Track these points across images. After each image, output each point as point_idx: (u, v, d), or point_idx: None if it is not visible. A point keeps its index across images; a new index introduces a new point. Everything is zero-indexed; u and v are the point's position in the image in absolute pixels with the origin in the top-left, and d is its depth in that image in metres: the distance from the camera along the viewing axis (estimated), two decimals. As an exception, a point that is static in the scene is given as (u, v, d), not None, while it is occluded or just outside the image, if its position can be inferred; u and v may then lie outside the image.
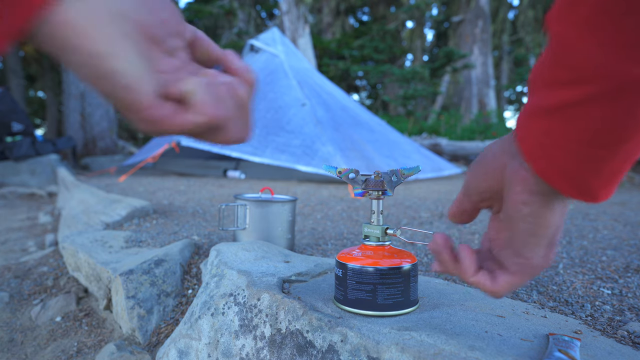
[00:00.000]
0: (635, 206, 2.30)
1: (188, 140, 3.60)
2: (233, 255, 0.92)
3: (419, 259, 1.16)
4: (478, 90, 9.73)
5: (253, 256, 0.93)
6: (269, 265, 0.87)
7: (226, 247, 0.97)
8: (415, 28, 11.88)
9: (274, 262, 0.90)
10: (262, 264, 0.87)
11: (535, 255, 0.39)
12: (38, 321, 1.19)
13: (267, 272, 0.82)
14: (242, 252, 0.94)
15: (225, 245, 1.00)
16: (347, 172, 0.69)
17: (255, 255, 0.94)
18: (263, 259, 0.91)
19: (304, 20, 6.97)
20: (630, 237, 1.44)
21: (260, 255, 0.94)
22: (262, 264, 0.87)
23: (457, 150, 5.69)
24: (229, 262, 0.88)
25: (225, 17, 10.73)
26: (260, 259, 0.91)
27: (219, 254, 0.94)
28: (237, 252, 0.94)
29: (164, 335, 0.97)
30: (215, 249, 0.98)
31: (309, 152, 3.43)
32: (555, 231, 0.39)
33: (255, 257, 0.93)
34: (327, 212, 1.98)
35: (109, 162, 5.75)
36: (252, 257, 0.92)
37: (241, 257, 0.91)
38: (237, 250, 0.95)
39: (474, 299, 0.73)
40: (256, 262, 0.89)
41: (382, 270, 0.63)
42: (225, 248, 0.97)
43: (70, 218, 1.92)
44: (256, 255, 0.94)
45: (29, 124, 4.46)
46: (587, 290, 0.91)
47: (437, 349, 0.53)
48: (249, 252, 0.95)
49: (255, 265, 0.86)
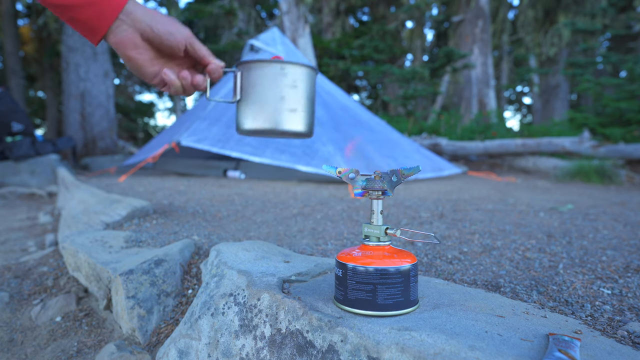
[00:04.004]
0: (635, 206, 2.30)
1: (188, 141, 3.60)
2: (233, 255, 0.92)
3: (419, 259, 1.16)
4: (478, 90, 9.73)
5: (253, 256, 0.93)
6: (269, 265, 0.87)
7: (226, 247, 0.97)
8: (415, 28, 11.87)
9: (274, 262, 0.90)
10: (262, 264, 0.87)
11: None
12: (38, 321, 1.19)
13: (267, 272, 0.82)
14: (242, 252, 0.94)
15: (225, 245, 1.00)
16: (347, 172, 0.69)
17: (255, 255, 0.94)
18: (263, 259, 0.91)
19: (304, 20, 6.96)
20: (630, 237, 1.44)
21: (260, 255, 0.94)
22: (262, 264, 0.87)
23: (457, 150, 5.69)
24: (229, 262, 0.88)
25: (226, 17, 10.73)
26: (260, 259, 0.91)
27: (219, 254, 0.94)
28: (237, 252, 0.94)
29: (164, 335, 0.97)
30: (215, 249, 0.98)
31: (309, 152, 3.43)
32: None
33: (255, 257, 0.93)
34: (327, 212, 1.98)
35: (109, 162, 5.75)
36: (252, 257, 0.92)
37: (241, 257, 0.91)
38: (237, 250, 0.95)
39: (474, 299, 0.73)
40: (256, 262, 0.89)
41: (382, 270, 0.63)
42: (225, 248, 0.97)
43: (70, 218, 1.92)
44: (256, 255, 0.94)
45: (29, 124, 4.46)
46: (587, 290, 0.91)
47: (437, 349, 0.53)
48: (249, 252, 0.95)
49: (255, 265, 0.86)
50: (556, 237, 1.44)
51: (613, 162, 4.23)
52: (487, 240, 1.38)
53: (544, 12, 11.99)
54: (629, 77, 6.28)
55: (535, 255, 1.19)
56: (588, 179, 3.92)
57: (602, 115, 6.23)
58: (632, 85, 5.83)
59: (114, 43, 0.67)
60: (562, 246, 1.31)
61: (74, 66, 6.69)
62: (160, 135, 4.80)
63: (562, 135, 5.80)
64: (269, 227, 1.60)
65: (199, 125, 3.79)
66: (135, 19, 0.66)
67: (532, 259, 1.16)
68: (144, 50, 0.69)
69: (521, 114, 21.80)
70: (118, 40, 0.66)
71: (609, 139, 5.57)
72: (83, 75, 6.72)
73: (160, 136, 4.68)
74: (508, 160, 5.56)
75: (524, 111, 21.55)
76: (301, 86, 0.78)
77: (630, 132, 5.54)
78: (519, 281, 0.97)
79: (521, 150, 5.21)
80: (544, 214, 1.94)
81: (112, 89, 7.10)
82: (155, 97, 19.34)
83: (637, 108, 5.54)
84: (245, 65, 0.78)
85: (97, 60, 6.81)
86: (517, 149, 5.23)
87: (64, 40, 6.74)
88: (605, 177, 3.88)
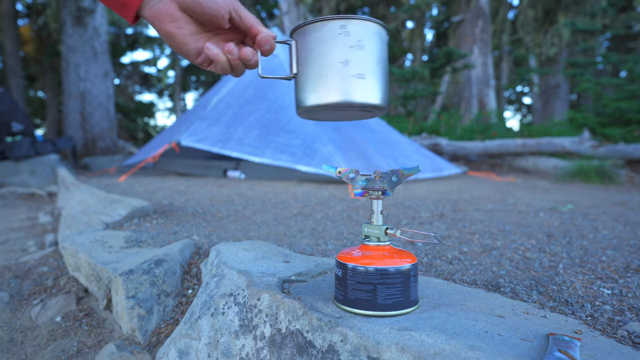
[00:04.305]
0: (635, 206, 2.30)
1: (188, 141, 3.60)
2: (233, 255, 0.92)
3: (419, 259, 1.16)
4: (478, 90, 9.73)
5: (253, 256, 0.93)
6: (269, 265, 0.87)
7: (226, 247, 0.97)
8: (415, 28, 11.88)
9: (274, 262, 0.90)
10: (262, 264, 0.87)
11: None
12: (38, 321, 1.19)
13: (267, 272, 0.82)
14: (242, 252, 0.94)
15: (225, 245, 1.00)
16: (347, 172, 0.69)
17: (255, 255, 0.94)
18: (263, 259, 0.91)
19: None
20: (630, 237, 1.44)
21: (260, 255, 0.94)
22: (262, 264, 0.87)
23: (457, 150, 5.69)
24: (229, 262, 0.88)
25: (225, 17, 10.72)
26: (260, 259, 0.91)
27: (219, 254, 0.94)
28: (237, 252, 0.94)
29: (164, 335, 0.97)
30: (215, 249, 0.98)
31: (309, 152, 3.43)
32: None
33: (255, 257, 0.93)
34: (327, 212, 1.98)
35: (109, 162, 5.75)
36: (252, 257, 0.92)
37: (241, 257, 0.91)
38: (237, 250, 0.95)
39: (474, 299, 0.73)
40: (256, 262, 0.89)
41: (382, 270, 0.63)
42: (225, 248, 0.97)
43: (70, 218, 1.92)
44: (256, 255, 0.94)
45: (29, 124, 4.46)
46: (587, 290, 0.91)
47: (437, 349, 0.53)
48: (249, 252, 0.95)
49: (255, 265, 0.86)
50: (556, 237, 1.44)
51: (613, 162, 4.23)
52: (487, 240, 1.38)
53: (544, 12, 11.99)
54: (629, 77, 6.28)
55: (535, 255, 1.19)
56: (588, 179, 3.92)
57: (602, 115, 6.23)
58: (632, 85, 5.83)
59: (149, 17, 0.60)
60: (562, 246, 1.31)
61: (74, 66, 6.69)
62: (160, 135, 4.80)
63: (562, 135, 5.80)
64: (269, 227, 1.60)
65: (199, 125, 3.79)
66: None
67: (532, 259, 1.16)
68: (184, 23, 0.61)
69: (521, 114, 21.81)
70: (153, 13, 0.59)
71: (609, 139, 5.57)
72: (83, 75, 6.72)
73: (160, 136, 4.68)
74: (508, 160, 5.56)
75: (524, 111, 21.55)
76: (369, 46, 0.64)
77: (630, 132, 5.54)
78: (519, 281, 0.97)
79: (521, 150, 5.21)
80: (544, 214, 1.94)
81: (112, 89, 7.10)
82: (155, 97, 19.34)
83: (637, 108, 5.54)
84: (299, 30, 0.66)
85: (97, 60, 6.81)
86: (517, 149, 5.23)
87: (64, 40, 6.74)
88: (605, 177, 3.88)
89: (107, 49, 7.05)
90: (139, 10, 0.59)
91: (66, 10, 6.66)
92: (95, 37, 6.79)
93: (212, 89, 4.80)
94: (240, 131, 3.72)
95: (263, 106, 3.98)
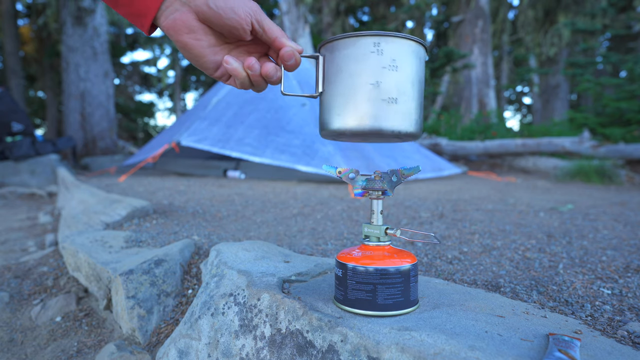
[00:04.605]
0: (635, 206, 2.30)
1: (188, 141, 3.60)
2: (233, 255, 0.92)
3: (419, 259, 1.16)
4: (478, 90, 9.73)
5: (253, 256, 0.93)
6: (269, 265, 0.87)
7: (226, 247, 0.97)
8: (415, 28, 11.88)
9: (274, 262, 0.90)
10: (262, 264, 0.87)
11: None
12: (38, 321, 1.19)
13: (267, 272, 0.82)
14: (242, 252, 0.94)
15: (225, 245, 1.00)
16: (347, 172, 0.69)
17: (255, 255, 0.94)
18: (263, 259, 0.91)
19: (304, 20, 6.96)
20: (630, 237, 1.44)
21: (260, 255, 0.94)
22: (262, 264, 0.87)
23: (457, 150, 5.69)
24: (229, 262, 0.88)
25: (225, 17, 10.72)
26: (260, 259, 0.91)
27: (219, 254, 0.94)
28: (237, 252, 0.94)
29: (164, 335, 0.97)
30: (215, 249, 0.98)
31: (309, 152, 3.43)
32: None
33: (255, 257, 0.93)
34: (327, 212, 1.98)
35: (109, 162, 5.75)
36: (252, 257, 0.92)
37: (241, 257, 0.91)
38: (237, 250, 0.95)
39: (474, 299, 0.73)
40: (256, 262, 0.89)
41: (382, 270, 0.63)
42: (225, 248, 0.97)
43: (70, 218, 1.92)
44: (256, 255, 0.94)
45: (29, 124, 4.46)
46: (587, 290, 0.91)
47: (437, 349, 0.53)
48: (249, 252, 0.95)
49: (255, 265, 0.86)
50: (556, 237, 1.44)
51: (613, 162, 4.23)
52: (487, 240, 1.38)
53: (544, 12, 11.99)
54: (629, 77, 6.28)
55: (535, 255, 1.19)
56: (588, 179, 3.92)
57: (602, 115, 6.23)
58: (632, 85, 5.83)
59: (165, 27, 0.56)
60: (562, 246, 1.31)
61: (74, 66, 6.69)
62: (160, 135, 4.80)
63: (562, 135, 5.80)
64: (269, 227, 1.60)
65: (199, 125, 3.79)
66: None
67: (532, 259, 1.16)
68: (202, 34, 0.56)
69: (521, 114, 21.81)
70: (169, 23, 0.55)
71: (609, 139, 5.57)
72: (83, 75, 6.72)
73: (160, 136, 4.68)
74: (508, 160, 5.56)
75: (524, 111, 21.55)
76: (404, 67, 0.58)
77: (630, 132, 5.54)
78: (519, 281, 0.97)
79: (521, 150, 5.21)
80: (544, 214, 1.94)
81: (112, 89, 7.10)
82: (155, 97, 19.34)
83: (637, 108, 5.54)
84: (328, 45, 0.61)
85: (97, 60, 6.81)
86: (517, 149, 5.23)
87: (64, 40, 6.75)
88: (605, 177, 3.88)
89: (107, 49, 7.05)
90: (155, 19, 0.55)
91: (66, 10, 6.66)
92: (95, 37, 6.79)
93: (212, 89, 4.80)
94: (240, 131, 3.72)
95: (263, 106, 3.98)
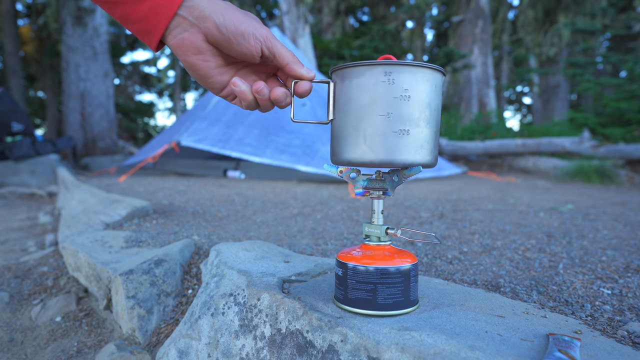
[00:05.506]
0: (635, 206, 2.30)
1: (188, 141, 3.60)
2: (233, 255, 0.92)
3: (419, 259, 1.16)
4: (478, 90, 9.73)
5: (253, 256, 0.93)
6: (269, 265, 0.87)
7: (226, 247, 0.97)
8: (415, 28, 11.88)
9: (274, 262, 0.90)
10: (262, 264, 0.87)
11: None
12: (38, 321, 1.19)
13: (267, 272, 0.82)
14: (242, 252, 0.94)
15: (225, 245, 1.00)
16: (349, 172, 0.69)
17: (255, 255, 0.94)
18: (263, 259, 0.91)
19: (304, 20, 6.96)
20: (630, 237, 1.44)
21: (260, 255, 0.94)
22: (262, 264, 0.87)
23: (457, 150, 5.69)
24: (229, 262, 0.88)
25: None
26: (260, 259, 0.91)
27: (219, 254, 0.94)
28: (237, 252, 0.94)
29: (164, 335, 0.97)
30: (215, 249, 0.98)
31: (309, 152, 3.43)
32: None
33: (255, 257, 0.93)
34: (327, 212, 1.98)
35: (109, 162, 5.75)
36: (252, 257, 0.92)
37: (241, 257, 0.91)
38: (237, 250, 0.95)
39: (474, 299, 0.73)
40: (256, 262, 0.89)
41: (382, 269, 0.63)
42: (225, 248, 0.97)
43: (70, 218, 1.92)
44: (256, 255, 0.94)
45: (29, 124, 4.46)
46: (587, 290, 0.91)
47: (437, 349, 0.53)
48: (249, 252, 0.95)
49: (255, 265, 0.86)
50: (556, 237, 1.44)
51: (613, 162, 4.23)
52: (487, 240, 1.38)
53: (544, 12, 11.99)
54: (629, 77, 6.28)
55: (535, 255, 1.19)
56: (588, 179, 3.92)
57: (602, 115, 6.23)
58: (632, 85, 5.84)
59: (172, 46, 0.55)
60: (562, 246, 1.31)
61: (74, 66, 6.69)
62: (160, 135, 4.80)
63: (562, 135, 5.80)
64: (269, 227, 1.60)
65: (199, 125, 3.79)
66: (200, 16, 0.53)
67: (532, 259, 1.16)
68: (210, 55, 0.56)
69: (521, 114, 21.80)
70: (177, 42, 0.54)
71: (609, 139, 5.57)
72: (83, 75, 6.72)
73: (160, 136, 4.68)
74: (508, 160, 5.56)
75: (524, 111, 21.55)
76: (417, 96, 0.56)
77: (630, 132, 5.54)
78: (519, 281, 0.97)
79: (521, 150, 5.21)
80: (544, 214, 1.94)
81: (112, 89, 7.10)
82: (155, 97, 19.34)
83: (637, 108, 5.54)
84: (339, 72, 0.59)
85: (97, 60, 6.81)
86: (517, 149, 5.23)
87: (64, 40, 6.75)
88: (605, 177, 3.88)
89: (107, 49, 7.05)
90: (163, 37, 0.55)
91: (66, 10, 6.66)
92: (95, 37, 6.79)
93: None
94: (240, 131, 3.72)
95: (263, 106, 3.97)
